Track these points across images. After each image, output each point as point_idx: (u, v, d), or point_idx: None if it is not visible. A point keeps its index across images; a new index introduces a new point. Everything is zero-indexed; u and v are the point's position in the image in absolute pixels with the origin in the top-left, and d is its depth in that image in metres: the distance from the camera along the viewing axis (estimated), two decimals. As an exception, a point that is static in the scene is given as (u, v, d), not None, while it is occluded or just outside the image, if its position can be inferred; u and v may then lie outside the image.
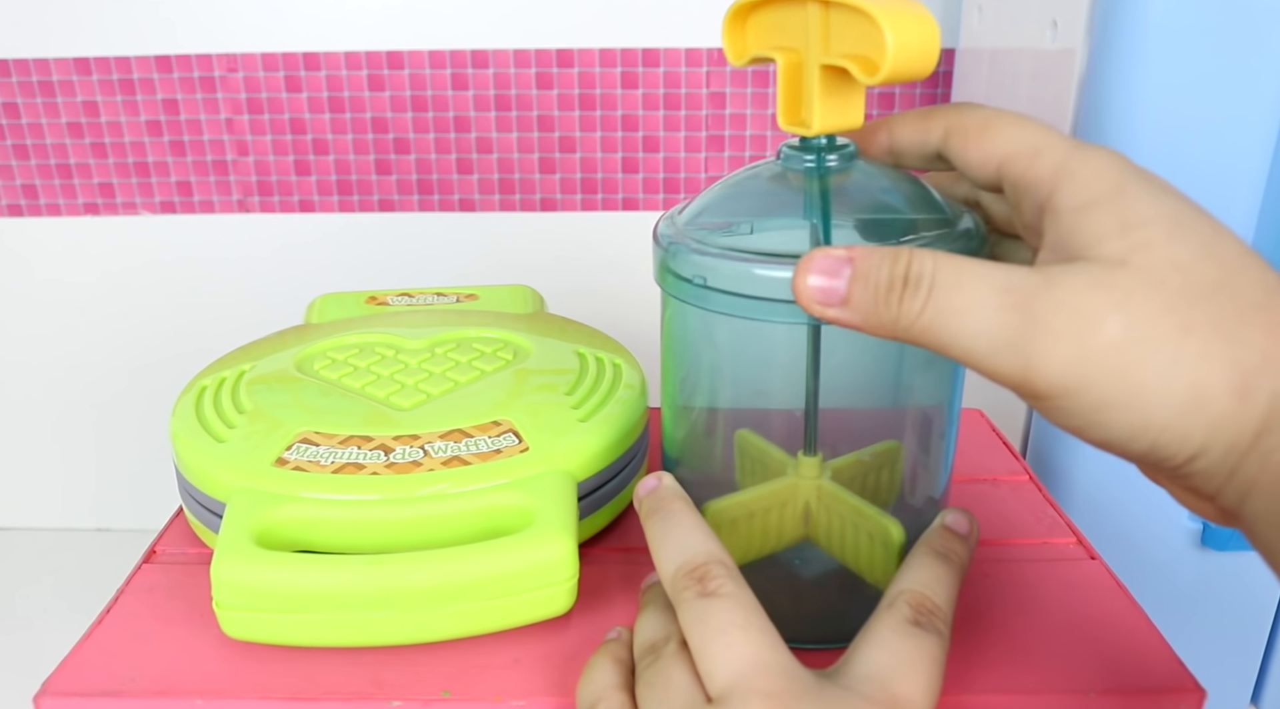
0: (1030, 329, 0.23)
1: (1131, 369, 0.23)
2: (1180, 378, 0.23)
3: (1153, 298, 0.23)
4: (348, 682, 0.32)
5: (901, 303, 0.24)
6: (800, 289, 0.26)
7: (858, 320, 0.25)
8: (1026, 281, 0.24)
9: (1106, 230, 0.24)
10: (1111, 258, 0.23)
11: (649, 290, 0.34)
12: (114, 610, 0.36)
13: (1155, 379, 0.23)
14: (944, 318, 0.24)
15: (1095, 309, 0.23)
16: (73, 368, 0.84)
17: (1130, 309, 0.23)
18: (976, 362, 0.24)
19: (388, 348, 0.45)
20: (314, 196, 0.79)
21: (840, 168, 0.31)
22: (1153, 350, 0.23)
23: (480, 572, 0.32)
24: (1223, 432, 0.23)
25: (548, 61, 0.75)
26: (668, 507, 0.30)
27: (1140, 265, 0.23)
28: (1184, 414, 0.23)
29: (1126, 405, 0.23)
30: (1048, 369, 0.23)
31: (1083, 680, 0.32)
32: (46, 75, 0.76)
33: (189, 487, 0.38)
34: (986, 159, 0.27)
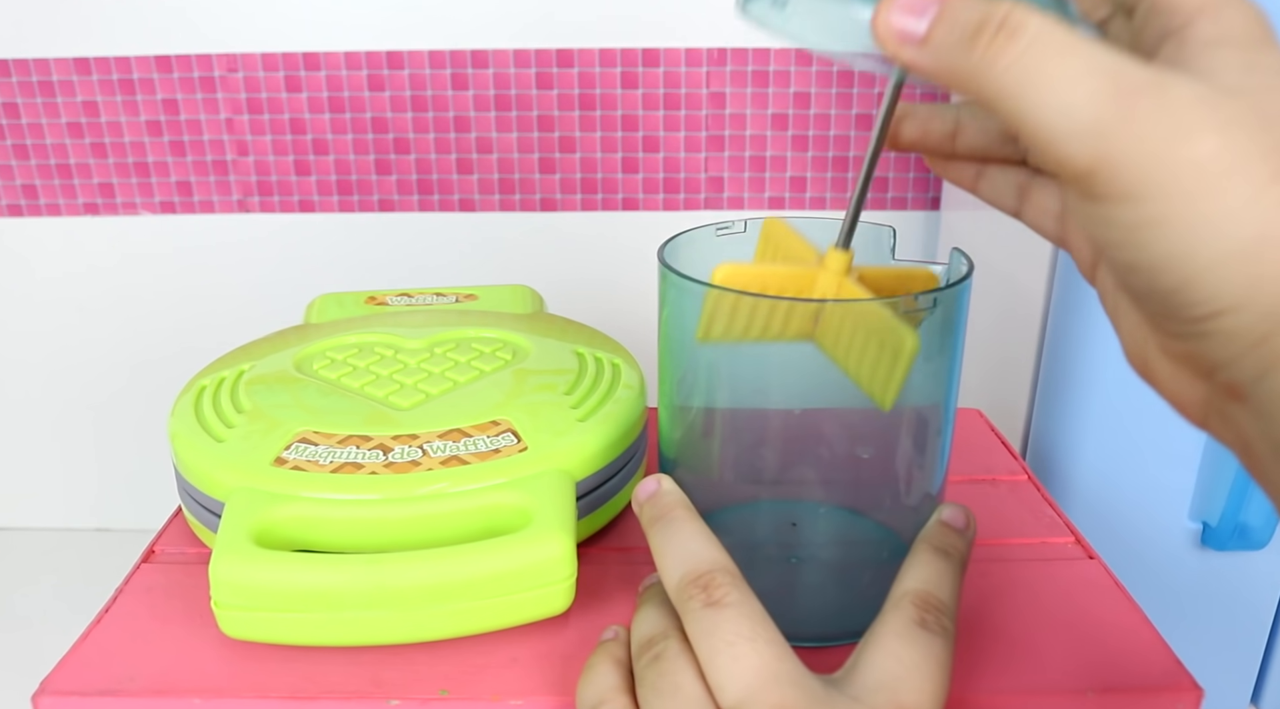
0: (1119, 122, 0.21)
1: (1204, 193, 0.21)
2: (1249, 221, 0.21)
3: (1255, 135, 0.21)
4: (346, 681, 0.32)
5: (989, 48, 0.22)
6: (879, 24, 0.23)
7: (932, 63, 0.23)
8: (1135, 73, 0.21)
9: (1231, 64, 0.22)
10: (1227, 85, 0.22)
11: (648, 290, 0.34)
12: (113, 610, 0.36)
13: (1223, 211, 0.21)
14: (1031, 79, 0.21)
15: (1194, 121, 0.21)
16: (72, 367, 0.84)
17: (1229, 135, 0.21)
18: (1046, 137, 0.22)
19: (387, 348, 0.45)
20: (314, 196, 0.79)
21: None
22: (1234, 183, 0.21)
23: (479, 571, 0.32)
24: (1266, 292, 0.21)
25: (548, 61, 0.75)
26: (670, 513, 0.30)
27: (1253, 101, 0.21)
28: (1235, 258, 0.21)
29: (1181, 227, 0.21)
30: (1120, 166, 0.21)
31: (1081, 680, 0.33)
32: (46, 75, 0.76)
33: (188, 486, 0.38)
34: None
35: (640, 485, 0.31)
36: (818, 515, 0.36)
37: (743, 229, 0.38)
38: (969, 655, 0.34)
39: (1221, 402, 0.24)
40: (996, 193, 0.31)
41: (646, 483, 0.31)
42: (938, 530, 0.31)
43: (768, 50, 0.75)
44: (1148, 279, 0.22)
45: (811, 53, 0.28)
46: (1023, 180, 0.30)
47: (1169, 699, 0.32)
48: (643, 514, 0.31)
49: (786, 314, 0.31)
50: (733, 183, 0.78)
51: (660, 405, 0.36)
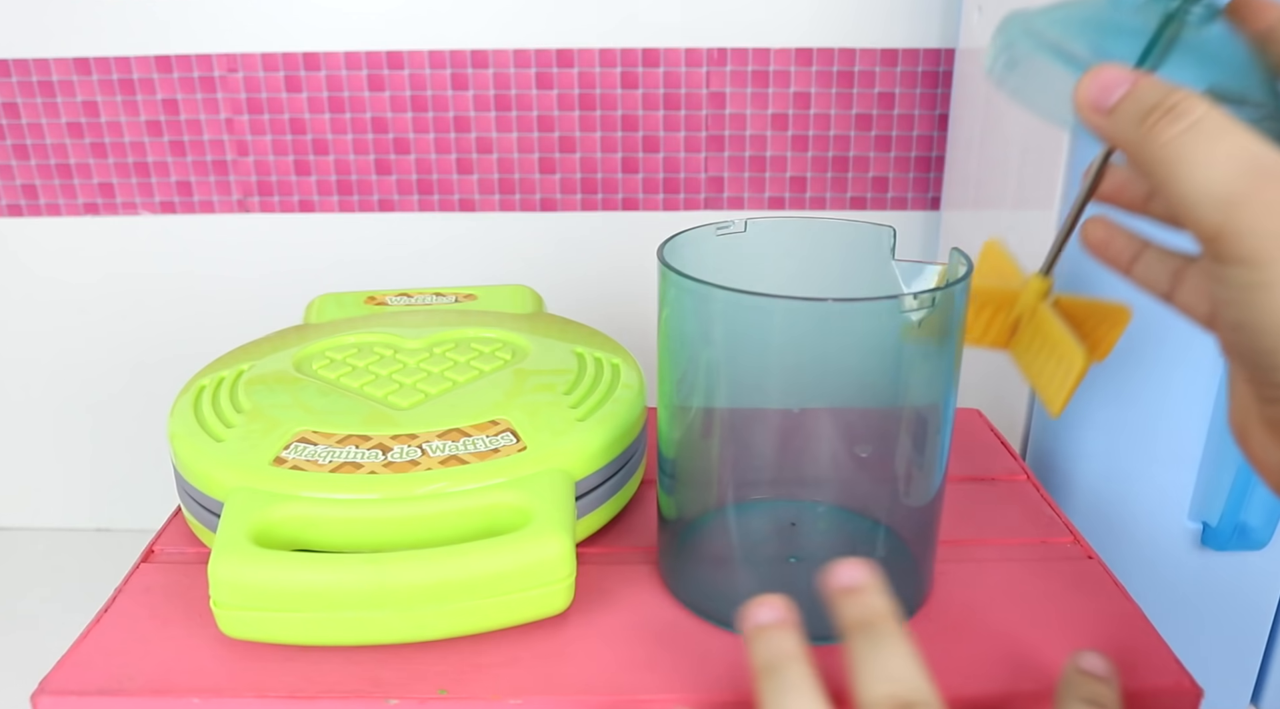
0: (1246, 197, 0.25)
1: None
2: None
3: None
4: (345, 680, 0.32)
5: (1157, 125, 0.26)
6: (1081, 89, 0.28)
7: (1110, 129, 0.27)
8: (1269, 160, 0.25)
9: None
10: None
11: (648, 290, 0.34)
12: (112, 609, 0.36)
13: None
14: (1185, 153, 0.26)
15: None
16: (72, 367, 0.84)
17: None
18: (1184, 201, 0.26)
19: (386, 348, 0.45)
20: (314, 196, 0.79)
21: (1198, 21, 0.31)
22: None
23: (478, 570, 0.32)
24: None
25: (548, 62, 0.75)
26: (880, 624, 0.29)
27: None
28: None
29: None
30: (1241, 235, 0.25)
31: (1081, 680, 0.32)
32: (46, 75, 0.76)
33: (187, 486, 0.38)
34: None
35: (839, 570, 0.31)
36: (817, 515, 0.36)
37: (743, 228, 0.38)
38: (967, 655, 0.34)
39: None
40: (1151, 276, 0.35)
41: (848, 571, 0.31)
42: (1082, 682, 0.31)
43: (768, 50, 0.75)
44: (1251, 339, 0.26)
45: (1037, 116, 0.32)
46: (1179, 265, 0.34)
47: (1169, 699, 0.32)
48: (843, 609, 0.30)
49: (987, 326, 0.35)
50: (733, 183, 0.78)
51: (660, 405, 0.36)
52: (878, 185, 0.78)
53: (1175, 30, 0.31)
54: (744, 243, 0.38)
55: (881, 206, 0.79)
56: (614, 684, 0.32)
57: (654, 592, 0.37)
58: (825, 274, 0.39)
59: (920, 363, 0.32)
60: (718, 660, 0.33)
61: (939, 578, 0.38)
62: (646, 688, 0.32)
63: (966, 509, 0.43)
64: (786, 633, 0.29)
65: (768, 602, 0.30)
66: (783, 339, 0.31)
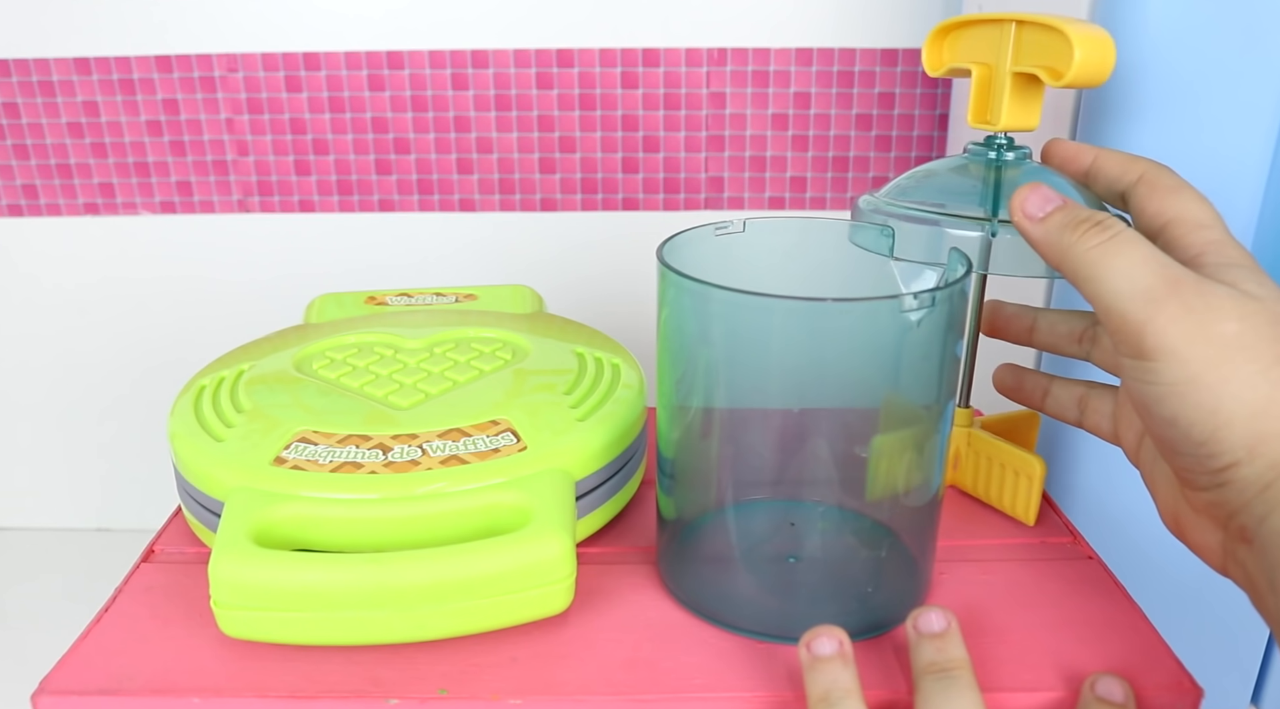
0: (1168, 297, 0.28)
1: (1227, 363, 0.28)
2: (1260, 388, 0.28)
3: (1264, 328, 0.28)
4: (345, 680, 0.32)
5: (1086, 234, 0.30)
6: (1017, 199, 0.32)
7: (1041, 235, 0.32)
8: (1182, 269, 0.29)
9: (1248, 279, 0.29)
10: (1247, 291, 0.29)
11: (648, 290, 0.34)
12: (112, 609, 0.36)
13: (1241, 378, 0.28)
14: (1110, 257, 0.29)
15: (1224, 309, 0.28)
16: (72, 368, 0.84)
17: (1248, 323, 0.28)
18: (1112, 300, 0.29)
19: (386, 348, 0.45)
20: (314, 196, 0.79)
21: (1014, 163, 0.38)
22: (1250, 358, 0.28)
23: (478, 570, 0.32)
24: (1271, 446, 0.27)
25: (548, 61, 0.75)
26: (958, 672, 0.31)
27: (1268, 306, 0.29)
28: (1247, 416, 0.28)
29: (1210, 387, 0.28)
30: (1165, 330, 0.28)
31: (1080, 679, 0.32)
32: (46, 75, 0.76)
33: (187, 486, 0.38)
34: (1160, 213, 0.32)
35: (927, 616, 0.32)
36: (816, 515, 0.36)
37: (741, 229, 0.38)
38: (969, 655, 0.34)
39: (1234, 545, 0.30)
40: (1060, 407, 0.39)
41: (935, 617, 0.32)
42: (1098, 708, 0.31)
43: (768, 50, 0.75)
44: (1184, 431, 0.29)
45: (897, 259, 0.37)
46: (1081, 392, 0.38)
47: (1169, 699, 0.32)
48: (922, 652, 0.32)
49: None
50: (733, 183, 0.78)
51: (659, 405, 0.36)
52: (878, 185, 0.78)
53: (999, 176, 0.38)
54: (743, 243, 0.38)
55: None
56: (614, 684, 0.32)
57: (654, 592, 0.37)
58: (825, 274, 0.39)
59: (920, 361, 0.32)
60: (717, 661, 0.33)
61: (938, 577, 0.38)
62: (646, 688, 0.32)
63: (966, 509, 0.43)
64: (845, 667, 0.31)
65: (828, 632, 0.32)
66: (782, 339, 0.31)
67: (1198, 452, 0.29)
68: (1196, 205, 0.32)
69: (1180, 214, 0.32)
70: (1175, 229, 0.32)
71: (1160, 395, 0.29)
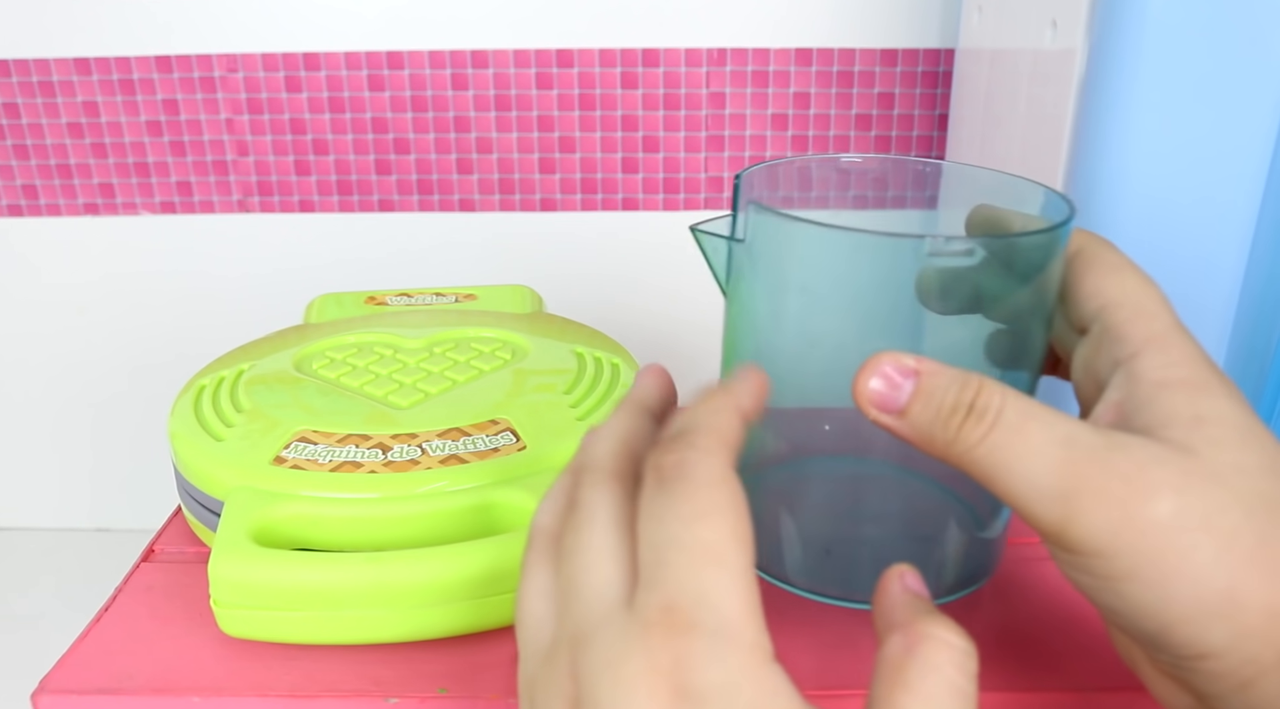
0: (1080, 488, 0.23)
1: (1170, 552, 0.22)
2: (1216, 579, 0.22)
3: (1211, 493, 0.23)
4: (345, 679, 0.32)
5: (961, 429, 0.24)
6: (859, 388, 0.25)
7: (910, 434, 0.25)
8: (1089, 439, 0.23)
9: (1180, 416, 0.24)
10: (1180, 443, 0.23)
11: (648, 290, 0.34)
12: (112, 609, 0.36)
13: (1191, 571, 0.22)
14: (999, 454, 0.24)
15: (1151, 484, 0.23)
16: (72, 367, 0.84)
17: (1186, 495, 0.23)
18: (1018, 502, 0.24)
19: (386, 347, 0.45)
20: (314, 196, 0.79)
21: None
22: (1197, 543, 0.22)
23: (477, 569, 0.32)
24: (1247, 642, 0.23)
25: (548, 62, 0.75)
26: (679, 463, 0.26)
27: (1207, 459, 0.23)
28: (1210, 614, 0.22)
29: (1154, 584, 0.23)
30: (1087, 527, 0.23)
31: (1080, 679, 0.32)
32: (46, 75, 0.76)
33: (187, 485, 0.38)
34: (1096, 293, 0.27)
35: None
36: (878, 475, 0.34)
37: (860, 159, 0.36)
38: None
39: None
40: None
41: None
42: None
43: (768, 50, 0.75)
44: (1133, 623, 0.24)
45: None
46: None
47: (1168, 698, 0.32)
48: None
49: None
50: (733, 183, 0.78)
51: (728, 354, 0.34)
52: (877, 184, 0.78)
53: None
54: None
55: (881, 206, 0.79)
56: (614, 683, 0.32)
57: (654, 591, 0.37)
58: None
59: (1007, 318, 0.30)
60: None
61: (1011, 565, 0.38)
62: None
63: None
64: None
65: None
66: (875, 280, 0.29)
67: (1153, 641, 0.24)
68: (1138, 287, 0.27)
69: (1119, 297, 0.27)
70: (1114, 314, 0.27)
71: (1098, 589, 0.24)
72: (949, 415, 0.24)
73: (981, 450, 0.24)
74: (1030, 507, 0.24)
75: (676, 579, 0.21)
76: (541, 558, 0.25)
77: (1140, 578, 0.23)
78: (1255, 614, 0.22)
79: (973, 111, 0.68)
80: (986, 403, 0.24)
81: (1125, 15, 0.44)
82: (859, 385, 0.25)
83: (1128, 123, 0.45)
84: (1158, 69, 0.44)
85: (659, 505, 0.22)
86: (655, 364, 0.30)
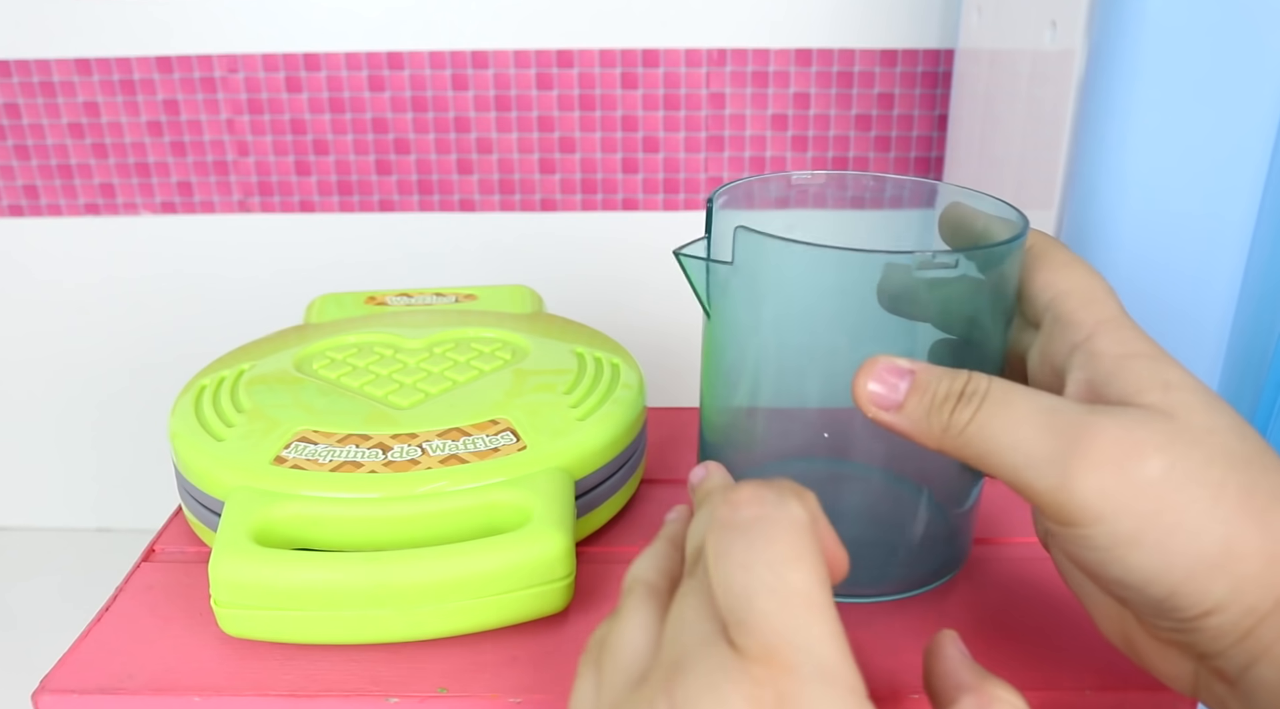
0: (1070, 450, 0.24)
1: (1167, 510, 0.23)
2: (1213, 531, 0.23)
3: (1194, 451, 0.24)
4: (345, 679, 0.32)
5: (953, 413, 0.26)
6: (859, 390, 0.27)
7: (908, 427, 0.27)
8: (1072, 408, 0.25)
9: (1151, 383, 0.25)
10: (1157, 407, 0.24)
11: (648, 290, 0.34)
12: (112, 608, 0.36)
13: (1189, 525, 0.23)
14: (989, 428, 0.25)
15: (1140, 445, 0.24)
16: (73, 367, 0.84)
17: (1174, 454, 0.24)
18: (1014, 474, 0.25)
19: (386, 347, 0.45)
20: (314, 196, 0.79)
21: None
22: (1191, 498, 0.23)
23: (477, 569, 0.32)
24: (1246, 592, 0.23)
25: (548, 62, 0.75)
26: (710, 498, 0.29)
27: (1184, 420, 0.24)
28: (1211, 566, 0.23)
29: (1155, 545, 0.23)
30: (1084, 491, 0.24)
31: (1080, 678, 0.33)
32: (47, 76, 0.76)
33: (188, 485, 0.38)
34: (1046, 287, 0.29)
35: (692, 472, 0.31)
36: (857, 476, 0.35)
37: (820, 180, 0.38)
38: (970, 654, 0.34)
39: (1210, 681, 0.26)
40: None
41: (696, 469, 0.31)
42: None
43: (768, 51, 0.75)
44: (1140, 591, 0.24)
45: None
46: None
47: (1169, 699, 0.32)
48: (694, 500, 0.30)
49: None
50: (732, 183, 0.79)
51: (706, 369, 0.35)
52: (877, 185, 0.78)
53: None
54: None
55: (880, 206, 0.79)
56: (613, 683, 0.32)
57: (653, 591, 0.37)
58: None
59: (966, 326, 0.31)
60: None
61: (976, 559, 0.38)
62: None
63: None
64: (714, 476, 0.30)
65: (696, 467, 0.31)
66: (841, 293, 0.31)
67: (1159, 607, 0.25)
68: (1086, 278, 0.29)
69: (1069, 287, 0.28)
70: (1064, 302, 0.28)
71: (1102, 561, 0.25)
72: (941, 403, 0.26)
73: (973, 428, 0.25)
74: (1027, 476, 0.25)
75: (772, 625, 0.21)
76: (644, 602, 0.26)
77: (1143, 541, 0.24)
78: (1252, 561, 0.23)
79: (972, 112, 0.68)
80: (974, 388, 0.26)
81: (1125, 16, 0.44)
82: (858, 387, 0.27)
83: (1127, 123, 0.45)
84: (1157, 69, 0.44)
85: (740, 550, 0.22)
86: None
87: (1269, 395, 0.45)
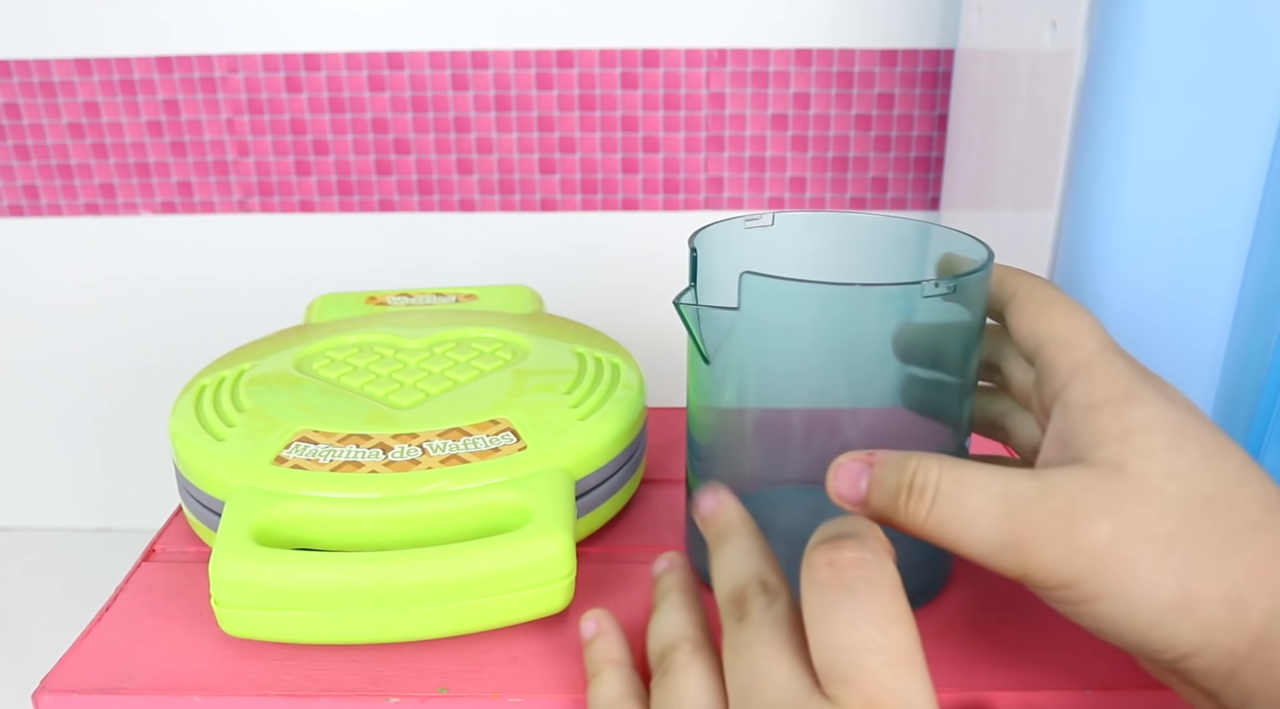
0: (1024, 535, 0.25)
1: (1118, 569, 0.25)
2: (1166, 582, 0.24)
3: (1145, 505, 0.25)
4: (346, 679, 0.32)
5: (909, 507, 0.27)
6: (830, 490, 0.29)
7: (874, 518, 0.28)
8: (1023, 490, 0.26)
9: (1109, 434, 0.26)
10: (1109, 462, 0.26)
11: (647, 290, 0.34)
12: (113, 608, 0.36)
13: (1141, 580, 0.25)
14: (948, 524, 0.26)
15: (1085, 513, 0.25)
16: (73, 367, 0.84)
17: (1120, 514, 0.25)
18: (977, 560, 0.26)
19: (387, 347, 0.45)
20: (314, 196, 0.79)
21: None
22: (1139, 554, 0.25)
23: (478, 569, 0.32)
24: (1217, 636, 0.24)
25: (548, 62, 0.75)
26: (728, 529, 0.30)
27: (1136, 473, 0.25)
28: (1171, 615, 0.24)
29: (1115, 599, 0.25)
30: (1041, 567, 0.25)
31: (1081, 678, 0.33)
32: (47, 76, 0.76)
33: (188, 485, 0.38)
34: (1031, 335, 0.29)
35: (701, 501, 0.32)
36: None
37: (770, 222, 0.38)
38: (969, 653, 0.34)
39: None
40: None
41: (706, 499, 0.31)
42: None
43: (768, 50, 0.75)
44: (1115, 638, 0.26)
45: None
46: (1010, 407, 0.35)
47: (1169, 699, 0.32)
48: (707, 532, 0.31)
49: None
50: (733, 183, 0.79)
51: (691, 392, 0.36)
52: (877, 186, 0.78)
53: None
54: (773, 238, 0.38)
55: (881, 206, 0.79)
56: (614, 683, 0.32)
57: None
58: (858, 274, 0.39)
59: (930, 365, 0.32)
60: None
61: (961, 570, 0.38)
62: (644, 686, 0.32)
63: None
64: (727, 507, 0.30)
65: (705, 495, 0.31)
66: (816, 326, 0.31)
67: (1139, 650, 0.26)
68: (1065, 320, 0.29)
69: (1048, 333, 0.29)
70: (1045, 350, 0.29)
71: (1075, 614, 0.26)
72: (894, 496, 0.27)
73: (931, 523, 0.26)
74: (989, 561, 0.26)
75: (877, 680, 0.23)
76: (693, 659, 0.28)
77: (1104, 597, 0.25)
78: (1213, 606, 0.24)
79: (972, 112, 0.68)
80: (924, 480, 0.27)
81: (1124, 16, 0.44)
82: (830, 487, 0.29)
83: (1127, 123, 0.46)
84: (1157, 69, 0.44)
85: (846, 607, 0.24)
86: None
87: (1269, 395, 0.45)
